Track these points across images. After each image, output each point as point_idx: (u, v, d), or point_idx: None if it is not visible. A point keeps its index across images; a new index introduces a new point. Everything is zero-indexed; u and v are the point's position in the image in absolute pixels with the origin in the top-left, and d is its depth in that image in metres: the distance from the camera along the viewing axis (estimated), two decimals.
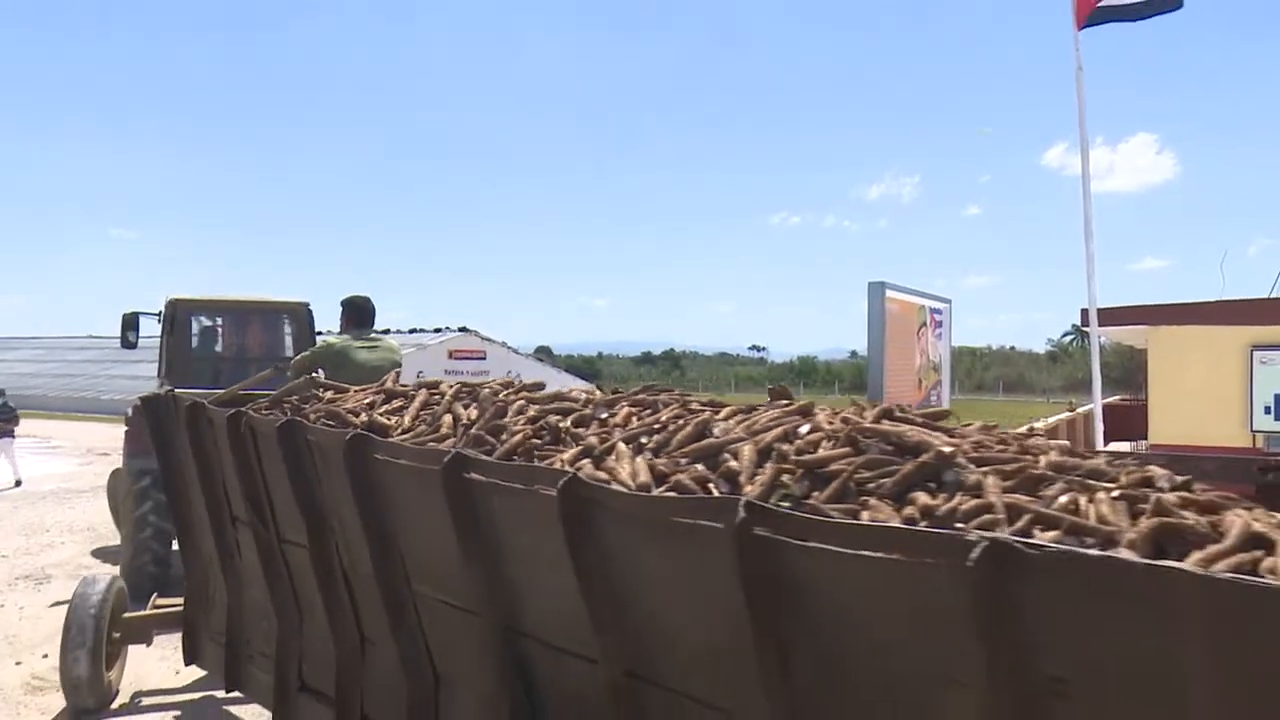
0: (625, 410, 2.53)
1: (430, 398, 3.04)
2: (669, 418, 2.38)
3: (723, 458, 2.03)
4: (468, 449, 2.47)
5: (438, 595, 2.65)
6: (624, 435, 2.30)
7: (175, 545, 5.77)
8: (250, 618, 3.85)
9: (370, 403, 3.17)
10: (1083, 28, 8.11)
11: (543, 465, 2.23)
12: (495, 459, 2.37)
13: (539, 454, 2.39)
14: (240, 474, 3.44)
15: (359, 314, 4.87)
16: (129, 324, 7.51)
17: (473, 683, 2.63)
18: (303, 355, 4.85)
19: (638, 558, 1.96)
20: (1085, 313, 8.53)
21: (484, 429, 2.60)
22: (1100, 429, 8.40)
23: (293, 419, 3.06)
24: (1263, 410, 8.24)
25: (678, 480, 1.95)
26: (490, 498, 2.27)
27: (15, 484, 11.95)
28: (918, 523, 1.64)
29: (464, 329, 26.28)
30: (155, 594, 5.20)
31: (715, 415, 2.38)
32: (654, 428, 2.33)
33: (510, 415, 2.68)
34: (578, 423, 2.54)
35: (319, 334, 6.91)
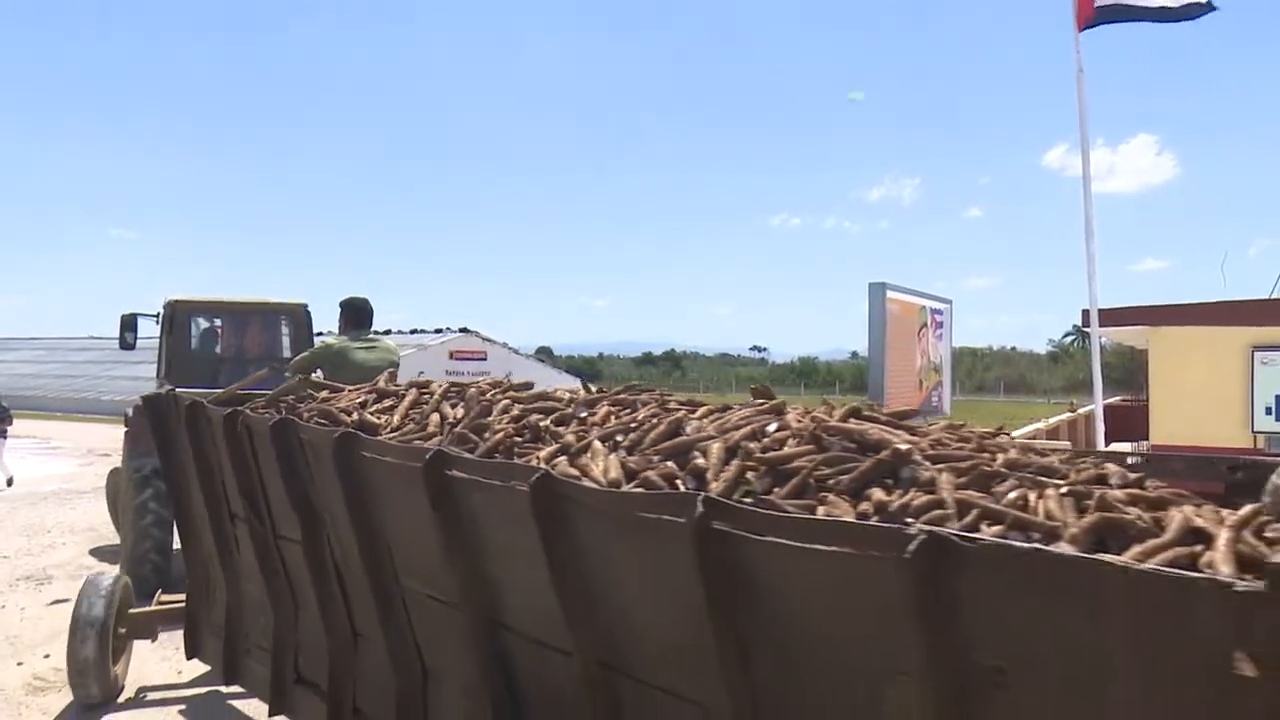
0: (605, 409, 2.59)
1: (420, 397, 3.11)
2: (645, 417, 2.44)
3: (692, 455, 2.09)
4: (451, 447, 2.54)
5: (424, 590, 2.72)
6: (600, 433, 2.36)
7: (175, 545, 5.87)
8: (248, 612, 3.93)
9: (362, 402, 3.25)
10: (1083, 29, 8.13)
11: (520, 462, 2.30)
12: (477, 457, 2.44)
13: (519, 452, 2.45)
14: (237, 471, 3.52)
15: (357, 315, 4.95)
16: (127, 325, 7.64)
17: (457, 675, 2.70)
18: (302, 356, 4.94)
19: (608, 552, 2.02)
20: (1086, 313, 8.54)
21: (468, 427, 2.66)
22: (1101, 429, 8.41)
23: (285, 417, 3.13)
24: (1264, 411, 8.24)
25: (646, 477, 2.02)
26: (470, 494, 2.34)
27: (7, 483, 11.83)
28: (870, 518, 1.69)
29: (465, 329, 26.30)
30: (160, 590, 5.28)
31: (690, 414, 2.44)
32: (630, 426, 2.39)
33: (495, 414, 2.75)
34: (559, 421, 2.60)
35: (319, 334, 7.00)
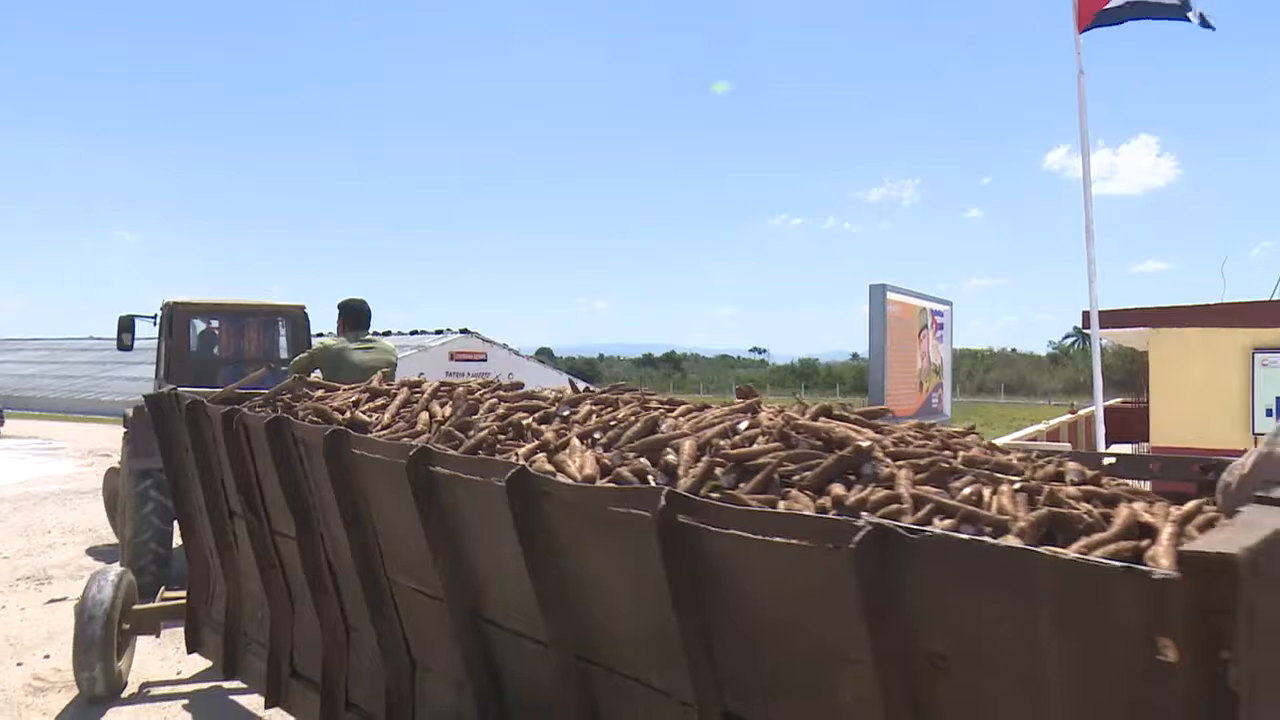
0: (587, 408, 2.66)
1: (410, 396, 3.18)
2: (624, 415, 2.51)
3: (665, 452, 2.15)
4: (436, 444, 2.61)
5: (411, 584, 2.78)
6: (579, 431, 2.43)
7: (175, 543, 5.95)
8: (247, 607, 4.01)
9: (355, 401, 3.32)
10: (1084, 30, 8.15)
11: (499, 459, 2.36)
12: (460, 453, 2.51)
13: (502, 449, 2.52)
14: (235, 468, 3.60)
15: (355, 317, 5.04)
16: (124, 326, 7.76)
17: (444, 667, 2.77)
18: (301, 356, 5.03)
19: (581, 545, 2.08)
20: (1086, 315, 8.56)
21: (454, 425, 2.73)
22: (1101, 431, 8.43)
23: (279, 415, 3.21)
24: (1264, 413, 8.24)
25: (618, 472, 2.08)
26: (453, 489, 2.40)
27: None
28: (829, 512, 1.75)
29: (465, 331, 26.40)
30: (162, 588, 5.37)
31: (668, 413, 2.50)
32: (609, 424, 2.45)
33: (481, 412, 2.82)
34: (542, 420, 2.67)
35: (318, 335, 7.09)
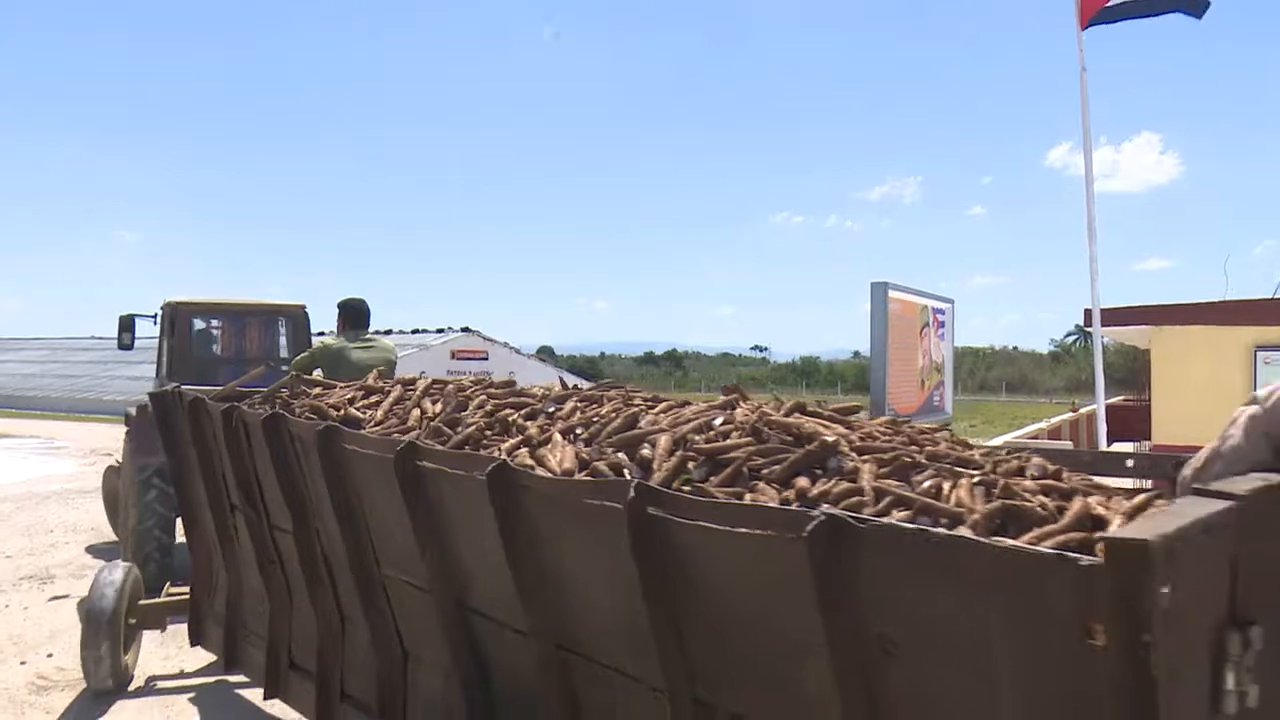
0: (571, 404, 2.72)
1: (404, 394, 3.25)
2: (607, 412, 2.57)
3: (641, 446, 2.21)
4: (425, 439, 2.68)
5: (401, 576, 2.86)
6: (562, 426, 2.49)
7: (179, 540, 6.02)
8: (247, 601, 4.09)
9: (350, 398, 3.39)
10: (1086, 27, 8.16)
11: (483, 453, 2.43)
12: (447, 449, 2.57)
13: (487, 444, 2.58)
14: (234, 464, 3.68)
15: (355, 316, 5.13)
16: (125, 326, 7.86)
17: (433, 658, 2.84)
18: (302, 355, 5.12)
19: (559, 537, 2.15)
20: (1088, 313, 8.57)
21: (443, 421, 2.80)
22: (1103, 429, 8.44)
23: (276, 412, 3.28)
24: None
25: (595, 466, 2.14)
26: (438, 483, 2.47)
27: None
28: (792, 504, 1.81)
29: (466, 329, 26.52)
30: (168, 583, 5.46)
31: (650, 409, 2.56)
32: (592, 420, 2.51)
33: (470, 409, 2.88)
34: (529, 416, 2.73)
35: (319, 334, 7.18)
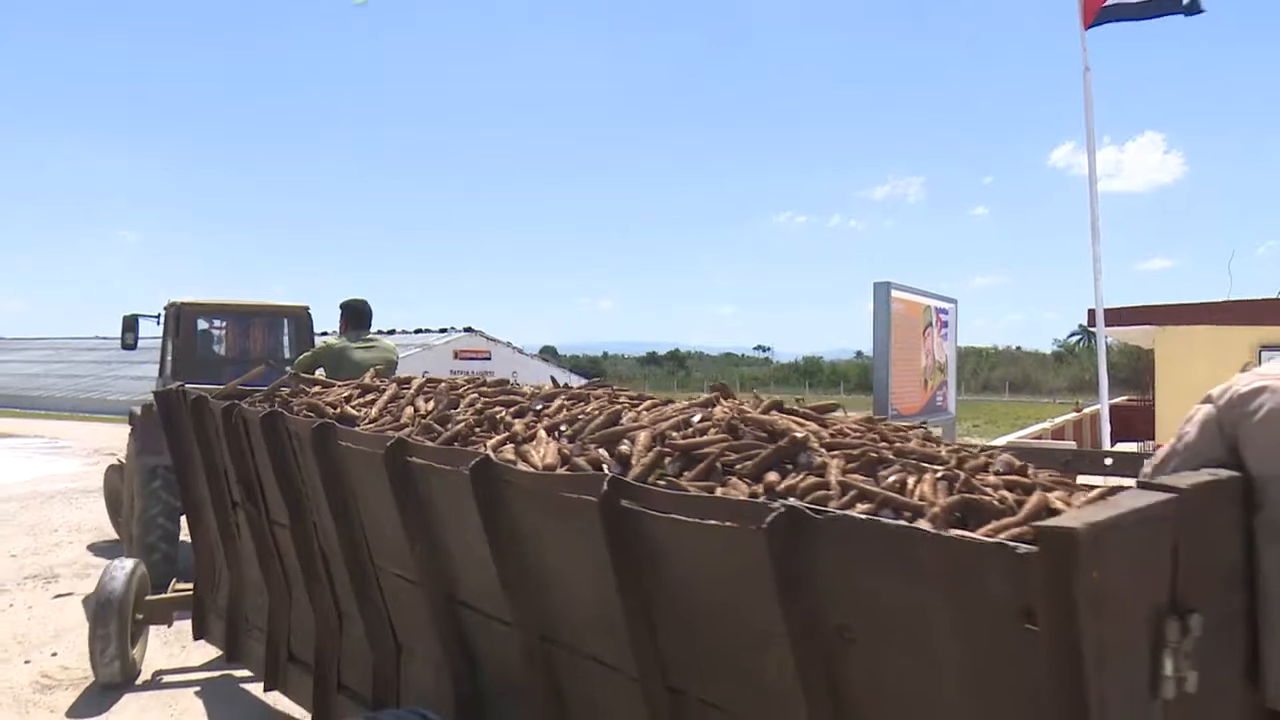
0: (558, 403, 2.79)
1: (398, 392, 3.32)
2: (592, 409, 2.63)
3: (621, 442, 2.27)
4: (415, 436, 2.74)
5: (394, 570, 2.92)
6: (548, 424, 2.56)
7: (183, 538, 6.09)
8: (249, 595, 4.17)
9: (347, 396, 3.46)
10: (1090, 27, 8.16)
11: (467, 449, 2.49)
12: (436, 445, 2.64)
13: (475, 440, 2.65)
14: (235, 461, 3.76)
15: (357, 316, 5.21)
16: (128, 326, 7.98)
17: (425, 650, 2.91)
18: (304, 355, 5.21)
19: (540, 530, 2.21)
20: (1092, 313, 8.58)
21: (434, 418, 2.87)
22: (1107, 429, 8.45)
23: (274, 410, 3.36)
24: None
25: (574, 461, 2.20)
26: (427, 478, 2.54)
27: None
28: (760, 497, 1.87)
29: (469, 329, 26.64)
30: (174, 579, 5.55)
31: (634, 407, 2.63)
32: (577, 418, 2.58)
33: (461, 407, 2.95)
34: (517, 413, 2.79)
35: (322, 334, 7.26)
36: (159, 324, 7.78)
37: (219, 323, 7.78)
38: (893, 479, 1.88)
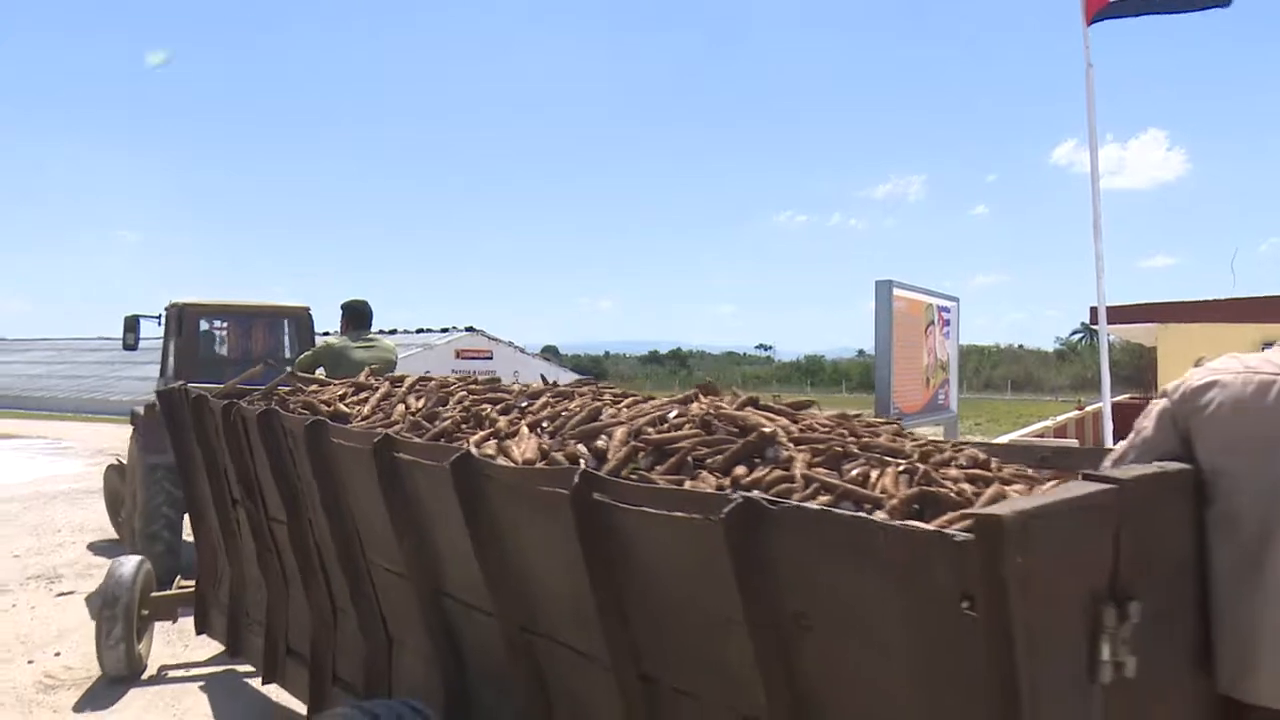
0: (543, 400, 2.85)
1: (390, 390, 3.39)
2: (575, 406, 2.69)
3: (599, 438, 2.33)
4: (405, 433, 2.81)
5: (384, 564, 2.99)
6: (531, 420, 2.62)
7: (186, 536, 6.16)
8: (249, 590, 4.25)
9: (342, 395, 3.53)
10: (1092, 23, 8.15)
11: (450, 445, 2.56)
12: (423, 441, 2.70)
13: (460, 437, 2.71)
14: (234, 458, 3.84)
15: (357, 317, 5.30)
16: (129, 326, 8.08)
17: (415, 642, 2.97)
18: (304, 355, 5.29)
19: (518, 523, 2.27)
20: (1094, 311, 8.58)
21: (423, 416, 2.93)
22: (1109, 428, 8.45)
23: (270, 408, 3.43)
24: None
25: (551, 455, 2.26)
26: (413, 474, 2.61)
27: None
28: (727, 490, 1.92)
29: (471, 329, 26.67)
30: (178, 576, 5.63)
31: (616, 404, 2.68)
32: (559, 414, 2.64)
33: (450, 404, 3.02)
34: (504, 411, 2.86)
35: (324, 334, 7.34)
36: (160, 324, 7.87)
37: (220, 323, 7.86)
38: (856, 472, 1.93)
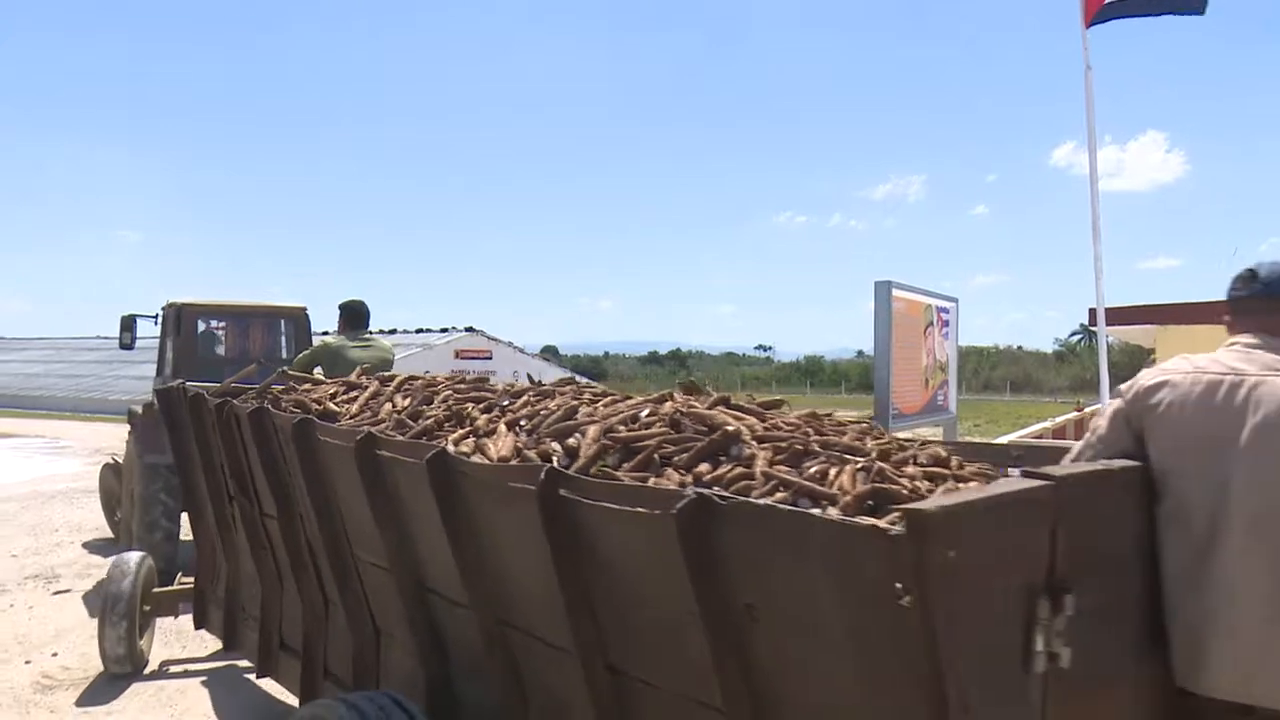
0: (524, 399, 2.91)
1: (379, 389, 3.45)
2: (554, 405, 2.75)
3: (572, 436, 2.39)
4: (389, 431, 2.87)
5: (371, 559, 3.05)
6: (510, 418, 2.67)
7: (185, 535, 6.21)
8: (245, 585, 4.33)
9: (332, 393, 3.60)
10: (1091, 25, 8.16)
11: (428, 442, 2.62)
12: (406, 439, 2.77)
13: (442, 435, 2.77)
14: (229, 456, 3.92)
15: (354, 317, 5.37)
16: (126, 326, 8.16)
17: (400, 635, 3.03)
18: (302, 354, 5.37)
19: (492, 518, 2.33)
20: (1093, 312, 8.58)
21: (407, 414, 3.00)
22: None
23: (261, 406, 3.50)
24: None
25: (524, 453, 2.32)
26: (394, 471, 2.67)
27: None
28: (687, 487, 1.97)
29: (470, 329, 26.66)
30: (179, 573, 5.71)
31: (594, 403, 2.74)
32: (538, 413, 2.69)
33: (435, 403, 3.08)
34: (486, 409, 2.92)
35: (324, 334, 7.42)
36: (156, 324, 7.95)
37: (218, 323, 7.94)
38: (814, 470, 1.98)
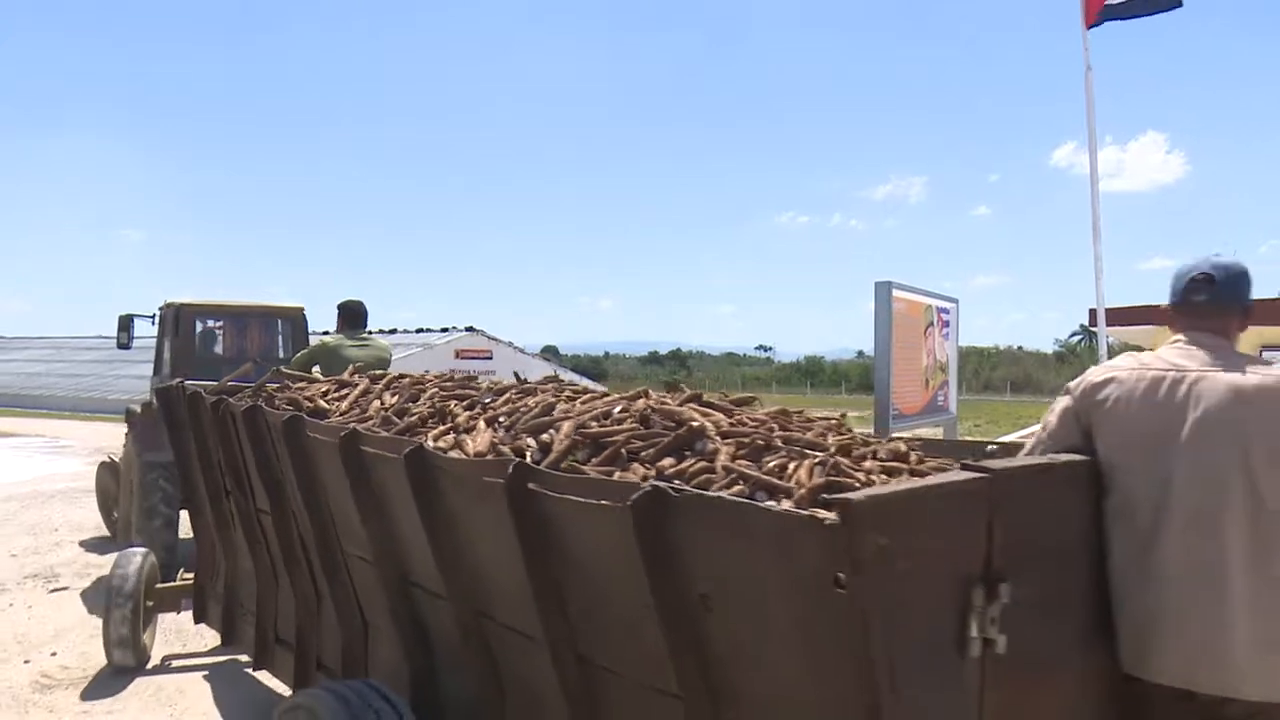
0: (506, 397, 2.97)
1: (369, 387, 3.53)
2: (534, 402, 2.81)
3: (547, 432, 2.45)
4: (375, 428, 2.94)
5: (357, 552, 3.13)
6: (489, 415, 2.74)
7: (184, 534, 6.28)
8: (242, 580, 4.41)
9: (324, 392, 3.68)
10: (1091, 26, 8.17)
11: (409, 438, 2.69)
12: (391, 435, 2.84)
13: (424, 431, 2.84)
14: (225, 453, 4.00)
15: (352, 316, 5.45)
16: (123, 325, 8.23)
17: (385, 627, 3.11)
18: (300, 354, 5.45)
19: (467, 512, 2.40)
20: (1093, 313, 8.60)
21: (394, 411, 3.07)
22: None
23: (254, 404, 3.58)
24: None
25: (498, 449, 2.39)
26: (377, 466, 2.74)
27: None
28: (648, 480, 2.04)
29: (470, 329, 26.66)
30: (181, 569, 5.80)
31: (572, 400, 2.81)
32: (518, 410, 2.76)
33: (421, 401, 3.15)
34: (468, 406, 2.99)
35: (324, 333, 7.51)
36: (154, 324, 8.03)
37: (216, 323, 8.02)
38: (774, 464, 2.04)
